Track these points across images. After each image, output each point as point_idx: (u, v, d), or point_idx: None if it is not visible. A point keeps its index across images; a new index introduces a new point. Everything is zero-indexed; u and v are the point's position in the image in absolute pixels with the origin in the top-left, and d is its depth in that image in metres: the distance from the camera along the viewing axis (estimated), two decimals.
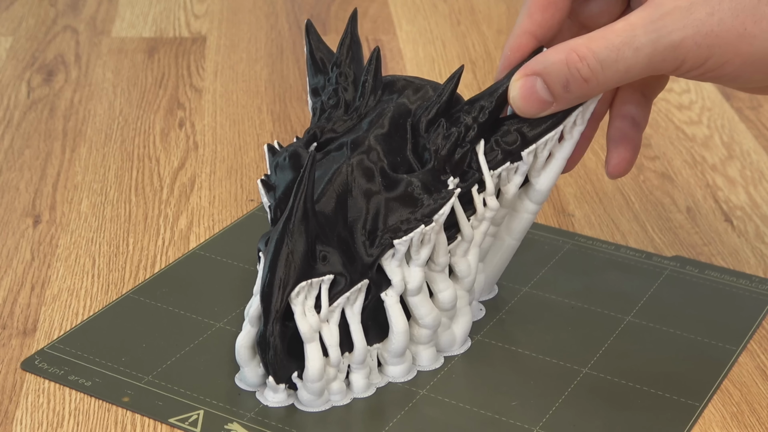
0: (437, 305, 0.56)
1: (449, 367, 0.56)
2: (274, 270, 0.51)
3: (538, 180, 0.57)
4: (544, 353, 0.57)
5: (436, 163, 0.54)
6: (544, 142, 0.56)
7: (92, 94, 0.85)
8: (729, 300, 0.62)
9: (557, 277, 0.63)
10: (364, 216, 0.53)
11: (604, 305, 0.61)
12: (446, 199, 0.54)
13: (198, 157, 0.76)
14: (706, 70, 0.51)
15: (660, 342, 0.58)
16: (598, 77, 0.51)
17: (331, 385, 0.54)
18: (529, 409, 0.53)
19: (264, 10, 1.00)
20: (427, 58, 0.91)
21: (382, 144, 0.55)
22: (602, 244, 0.66)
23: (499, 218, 0.58)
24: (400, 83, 0.57)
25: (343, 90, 0.58)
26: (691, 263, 0.64)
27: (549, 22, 0.55)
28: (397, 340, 0.54)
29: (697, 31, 0.50)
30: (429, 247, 0.54)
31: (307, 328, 0.52)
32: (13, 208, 0.70)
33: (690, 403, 0.54)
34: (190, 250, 0.66)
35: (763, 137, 0.79)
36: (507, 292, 0.62)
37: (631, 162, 0.57)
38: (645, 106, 0.58)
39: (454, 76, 0.55)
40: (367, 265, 0.53)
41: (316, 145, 0.56)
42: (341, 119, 0.57)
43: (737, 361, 0.57)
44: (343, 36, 0.59)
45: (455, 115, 0.55)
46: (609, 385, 0.55)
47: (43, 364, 0.56)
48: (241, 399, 0.54)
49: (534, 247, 0.66)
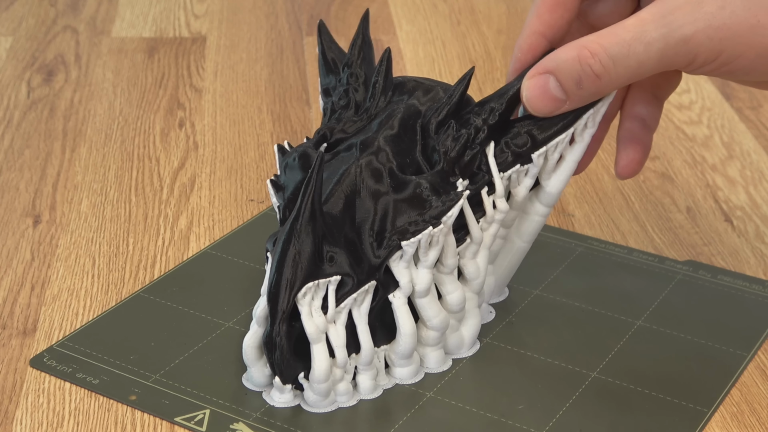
0: (445, 307, 0.56)
1: (457, 370, 0.56)
2: (281, 270, 0.51)
3: (549, 183, 0.57)
4: (553, 356, 0.57)
5: (445, 164, 0.54)
6: (555, 144, 0.56)
7: (92, 94, 0.85)
8: (741, 305, 0.61)
9: (568, 280, 0.63)
10: (372, 217, 0.53)
11: (614, 309, 0.60)
12: (455, 201, 0.53)
13: (198, 157, 0.76)
14: (719, 64, 0.50)
15: (669, 346, 0.58)
16: (610, 73, 0.51)
17: (337, 386, 0.53)
18: (536, 412, 0.53)
19: (264, 10, 1.00)
20: (427, 58, 0.91)
21: (392, 145, 0.54)
22: (614, 248, 0.66)
23: (509, 221, 0.58)
24: (410, 84, 0.57)
25: (354, 91, 0.58)
26: (703, 268, 0.64)
27: (558, 22, 0.55)
28: (405, 341, 0.54)
29: (709, 24, 0.49)
30: (437, 249, 0.54)
31: (313, 328, 0.52)
32: (13, 208, 0.70)
33: (698, 408, 0.53)
34: (202, 249, 0.66)
35: (763, 137, 0.79)
36: (517, 294, 0.62)
37: (641, 163, 0.57)
38: (656, 106, 0.57)
39: (465, 78, 0.55)
40: (375, 266, 0.53)
41: (325, 145, 0.56)
42: (351, 120, 0.57)
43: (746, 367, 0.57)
44: (354, 37, 0.59)
45: (465, 116, 0.55)
46: (617, 389, 0.55)
47: (51, 362, 0.56)
48: (247, 399, 0.54)
49: (545, 249, 0.65)
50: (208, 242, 0.67)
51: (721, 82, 0.87)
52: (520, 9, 1.00)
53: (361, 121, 0.56)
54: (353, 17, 0.98)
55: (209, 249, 0.66)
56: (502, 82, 0.87)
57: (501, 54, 0.92)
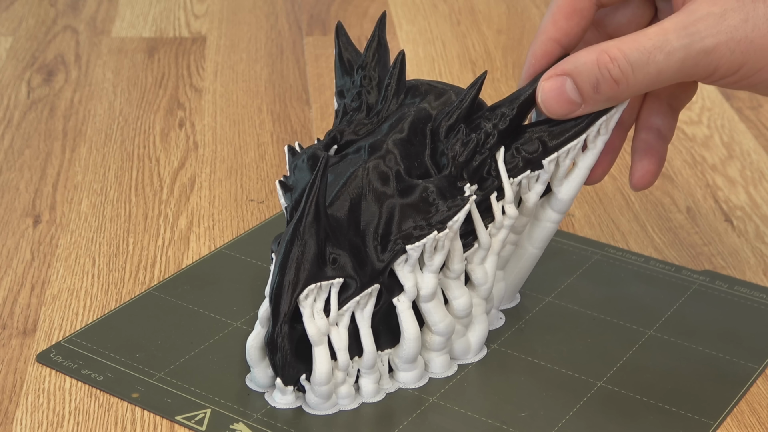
0: (452, 312, 0.56)
1: (462, 375, 0.56)
2: (283, 272, 0.51)
3: (560, 189, 0.57)
4: (560, 364, 0.56)
5: (453, 169, 0.54)
6: (566, 151, 0.55)
7: (92, 94, 0.85)
8: (756, 317, 0.60)
9: (582, 287, 0.62)
10: (377, 220, 0.53)
11: (626, 318, 0.60)
12: (461, 206, 0.53)
13: (198, 157, 0.76)
14: (740, 77, 0.50)
15: (680, 357, 0.57)
16: (628, 79, 0.51)
17: (339, 389, 0.53)
18: (539, 420, 0.53)
19: (264, 10, 1.00)
20: (427, 58, 0.91)
21: (400, 148, 0.54)
22: (631, 256, 0.65)
23: (520, 227, 0.57)
24: (423, 87, 0.57)
25: (367, 93, 0.57)
26: (720, 278, 0.63)
27: (574, 29, 0.55)
28: (408, 346, 0.54)
29: (731, 37, 0.49)
30: (443, 254, 0.54)
31: (315, 330, 0.52)
32: (13, 208, 0.70)
33: (704, 420, 0.53)
34: (217, 248, 0.66)
35: (763, 137, 0.79)
36: (529, 300, 0.61)
37: (656, 174, 0.56)
38: (672, 117, 0.57)
39: (477, 82, 0.54)
40: (379, 270, 0.53)
41: (336, 147, 0.56)
42: (362, 122, 0.57)
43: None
44: (369, 39, 0.58)
45: (476, 121, 0.55)
46: (622, 399, 0.54)
47: (58, 357, 0.57)
48: (249, 399, 0.54)
49: (561, 256, 0.65)
50: (208, 242, 0.67)
51: None
52: (520, 9, 1.00)
53: (372, 124, 0.56)
54: (353, 17, 0.98)
55: (224, 248, 0.66)
56: (502, 82, 0.87)
57: (501, 54, 0.92)
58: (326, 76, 0.87)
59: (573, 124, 0.55)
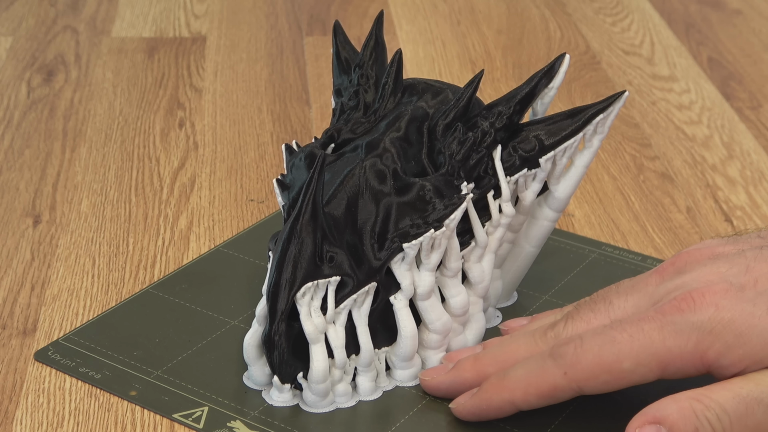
0: (449, 311, 0.56)
1: None
2: (280, 270, 0.51)
3: (557, 187, 0.57)
4: None
5: (450, 167, 0.54)
6: (563, 149, 0.56)
7: (92, 94, 0.85)
8: None
9: (579, 286, 0.62)
10: (374, 218, 0.53)
11: None
12: (458, 204, 0.53)
13: (198, 157, 0.76)
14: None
15: None
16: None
17: (336, 386, 0.53)
18: (535, 417, 0.53)
19: (264, 10, 1.00)
20: (427, 58, 0.91)
21: (397, 147, 0.54)
22: (629, 254, 0.65)
23: (517, 225, 0.58)
24: (420, 86, 0.57)
25: (364, 92, 0.58)
26: None
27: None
28: (405, 344, 0.54)
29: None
30: (439, 252, 0.54)
31: (312, 328, 0.52)
32: (13, 208, 0.70)
33: None
34: (215, 246, 0.66)
35: (763, 137, 0.79)
36: (527, 299, 0.61)
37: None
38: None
39: (474, 81, 0.55)
40: (375, 268, 0.53)
41: (333, 146, 0.56)
42: (359, 121, 0.57)
43: None
44: (367, 38, 0.59)
45: (473, 119, 0.55)
46: (616, 400, 0.54)
47: (56, 356, 0.57)
48: (247, 397, 0.54)
49: (559, 254, 0.65)
50: (208, 242, 0.67)
51: (721, 82, 0.87)
52: (520, 9, 1.00)
53: (369, 122, 0.56)
54: (353, 17, 0.98)
55: (221, 247, 0.66)
56: (502, 82, 0.87)
57: (501, 54, 0.92)
58: (326, 76, 0.87)
59: (569, 122, 0.55)
